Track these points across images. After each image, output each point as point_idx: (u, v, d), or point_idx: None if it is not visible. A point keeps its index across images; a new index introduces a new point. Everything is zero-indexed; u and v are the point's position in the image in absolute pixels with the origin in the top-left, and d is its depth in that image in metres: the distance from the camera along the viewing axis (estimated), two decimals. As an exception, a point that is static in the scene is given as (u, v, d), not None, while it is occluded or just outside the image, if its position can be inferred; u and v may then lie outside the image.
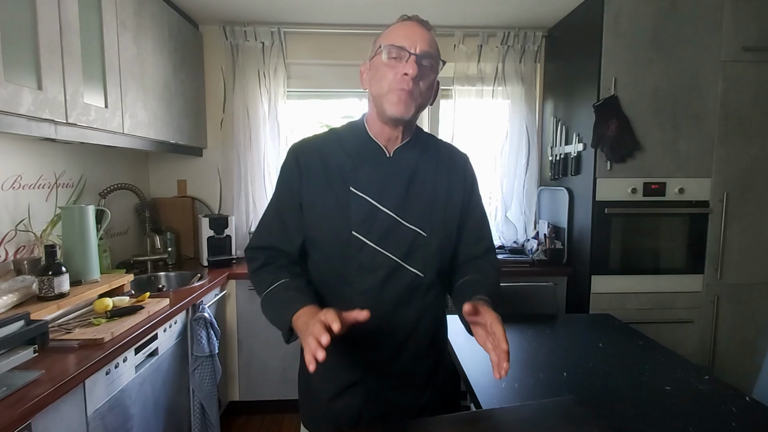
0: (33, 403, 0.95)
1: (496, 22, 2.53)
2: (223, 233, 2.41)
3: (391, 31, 0.89)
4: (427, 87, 0.89)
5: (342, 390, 0.95)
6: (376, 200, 0.90)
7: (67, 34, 1.37)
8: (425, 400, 0.98)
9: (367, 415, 0.95)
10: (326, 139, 0.98)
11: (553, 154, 2.54)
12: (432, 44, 0.88)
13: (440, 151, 1.01)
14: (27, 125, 1.24)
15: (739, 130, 2.10)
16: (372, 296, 0.90)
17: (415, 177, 0.94)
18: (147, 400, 1.49)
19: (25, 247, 1.61)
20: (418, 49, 0.85)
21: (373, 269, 0.89)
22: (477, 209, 1.01)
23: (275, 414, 2.38)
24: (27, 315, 1.11)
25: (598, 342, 1.47)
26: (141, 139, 1.87)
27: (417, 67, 0.85)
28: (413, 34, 0.87)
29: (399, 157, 0.94)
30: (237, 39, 2.50)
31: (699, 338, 2.18)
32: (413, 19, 0.90)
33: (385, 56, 0.87)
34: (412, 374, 0.96)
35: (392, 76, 0.86)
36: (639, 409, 1.05)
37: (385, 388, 0.94)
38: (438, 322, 1.00)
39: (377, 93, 0.90)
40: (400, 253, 0.90)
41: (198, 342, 1.81)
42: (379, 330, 0.91)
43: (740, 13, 2.04)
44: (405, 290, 0.91)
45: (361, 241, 0.89)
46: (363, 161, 0.93)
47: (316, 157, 0.94)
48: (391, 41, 0.87)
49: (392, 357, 0.93)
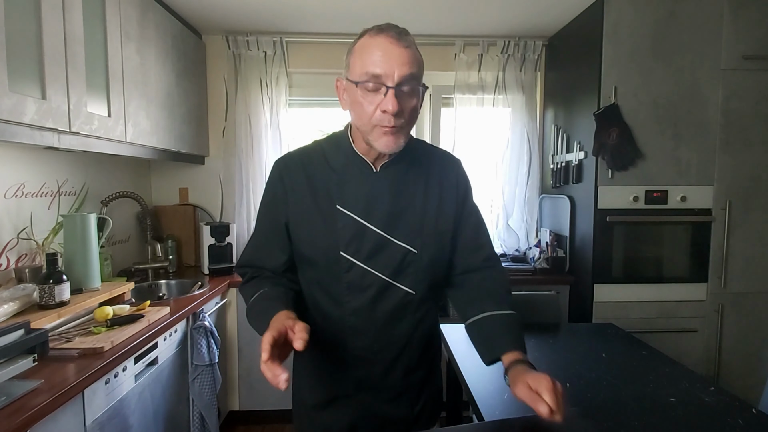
0: (32, 412, 0.94)
1: (496, 31, 2.55)
2: (224, 241, 2.41)
3: (364, 51, 0.80)
4: (410, 111, 0.83)
5: (333, 399, 0.94)
6: (364, 218, 0.88)
7: (72, 44, 1.38)
8: (419, 409, 0.98)
9: (362, 428, 0.94)
10: (311, 153, 0.94)
11: (554, 162, 2.54)
12: (411, 63, 0.79)
13: (430, 160, 0.96)
14: (30, 134, 1.24)
15: (740, 137, 2.09)
16: (363, 315, 0.89)
17: (404, 191, 0.90)
18: (146, 410, 1.48)
19: (27, 255, 1.61)
20: (396, 76, 0.77)
21: (363, 288, 0.88)
22: (471, 217, 0.98)
23: (275, 424, 2.36)
24: (27, 324, 1.11)
25: (601, 352, 1.46)
26: (143, 147, 1.88)
27: (396, 101, 0.78)
28: (389, 59, 0.78)
29: (386, 172, 0.90)
30: (239, 48, 2.52)
31: (704, 348, 2.15)
32: (387, 33, 0.79)
33: (359, 89, 0.80)
34: (406, 387, 0.95)
35: (371, 110, 0.80)
36: (643, 421, 1.03)
37: (379, 401, 0.94)
38: (430, 333, 0.99)
39: (359, 125, 0.84)
40: (390, 271, 0.88)
41: (198, 351, 1.80)
42: (369, 348, 0.90)
43: (740, 21, 2.05)
44: (396, 308, 0.89)
45: (350, 261, 0.87)
46: (349, 177, 0.90)
47: (301, 174, 0.91)
48: (366, 68, 0.79)
49: (385, 372, 0.92)
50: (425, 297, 0.92)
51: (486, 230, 1.01)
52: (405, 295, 0.89)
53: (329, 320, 0.91)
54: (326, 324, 0.91)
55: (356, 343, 0.90)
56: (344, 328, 0.90)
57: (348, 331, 0.90)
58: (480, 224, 1.00)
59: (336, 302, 0.90)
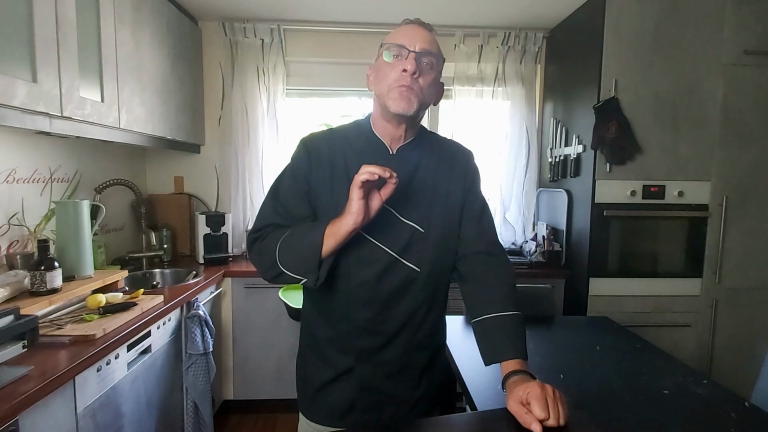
0: (21, 399, 0.93)
1: (497, 22, 2.52)
2: (219, 231, 2.40)
3: (393, 33, 0.94)
4: (428, 84, 0.91)
5: (336, 376, 0.97)
6: None
7: (64, 27, 1.35)
8: (420, 393, 1.00)
9: (360, 403, 0.97)
10: (334, 134, 1.01)
11: (552, 156, 2.53)
12: (432, 44, 0.91)
13: (443, 149, 1.03)
14: (21, 118, 1.22)
15: (739, 133, 2.09)
16: (368, 288, 0.93)
17: (416, 175, 0.96)
18: (139, 398, 1.47)
19: (19, 241, 1.59)
20: (417, 47, 0.89)
21: (371, 262, 0.92)
22: (475, 204, 1.02)
23: (269, 413, 2.36)
24: (17, 310, 1.10)
25: (595, 345, 1.46)
26: (138, 134, 1.86)
27: (416, 63, 0.88)
28: (413, 34, 0.90)
29: (402, 155, 0.97)
30: (236, 35, 2.48)
31: (697, 342, 2.17)
32: (414, 22, 0.94)
33: (386, 55, 0.91)
34: (405, 365, 0.97)
35: (393, 74, 0.89)
36: (636, 413, 1.03)
37: (378, 376, 0.96)
38: (436, 318, 1.01)
39: (380, 92, 0.92)
40: (398, 248, 0.93)
41: (192, 340, 1.79)
42: (373, 320, 0.94)
43: (741, 16, 2.03)
44: (401, 283, 0.93)
45: (361, 235, 0.90)
46: (367, 158, 0.94)
47: (324, 151, 0.97)
48: (392, 41, 0.91)
49: (383, 345, 0.95)
50: (430, 276, 0.96)
51: (490, 217, 1.05)
52: (410, 272, 0.93)
53: (336, 292, 0.94)
54: (332, 295, 0.95)
55: (361, 315, 0.94)
56: (350, 300, 0.94)
57: (353, 303, 0.94)
58: (484, 211, 1.03)
59: (343, 274, 0.93)
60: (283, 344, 2.29)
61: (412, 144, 0.98)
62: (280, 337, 2.29)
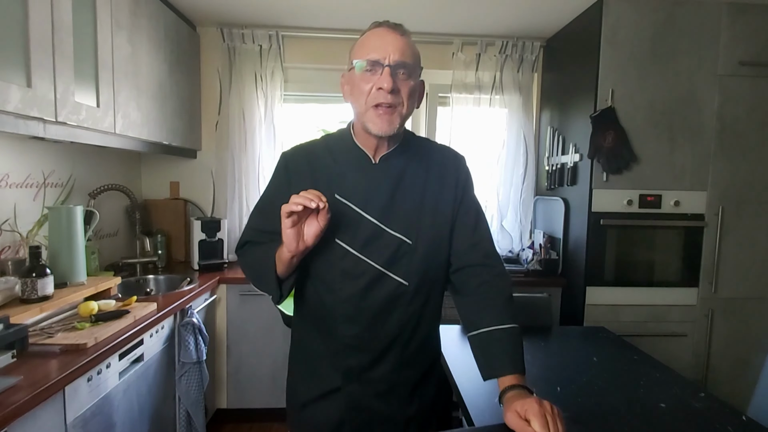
0: (9, 410, 0.91)
1: (494, 31, 2.53)
2: (215, 237, 2.38)
3: (363, 42, 0.88)
4: (408, 95, 0.87)
5: (323, 394, 0.94)
6: (361, 208, 0.91)
7: (59, 31, 1.34)
8: (412, 411, 0.96)
9: (349, 422, 0.94)
10: (317, 145, 0.99)
11: (549, 164, 2.54)
12: (406, 51, 0.86)
13: (431, 155, 0.98)
14: (14, 123, 1.21)
15: (735, 144, 2.10)
16: (354, 303, 0.90)
17: (402, 184, 0.93)
18: (131, 408, 1.45)
19: (11, 247, 1.57)
20: (391, 59, 0.84)
21: (356, 276, 0.89)
22: (470, 212, 0.97)
23: (263, 422, 2.34)
24: (6, 318, 1.08)
25: (592, 356, 1.45)
26: (133, 139, 1.84)
27: (392, 80, 0.83)
28: (385, 44, 0.85)
29: (385, 164, 0.94)
30: (234, 41, 2.48)
31: (692, 352, 2.16)
32: (384, 26, 0.88)
33: (358, 67, 0.86)
34: (396, 383, 0.94)
35: (368, 90, 0.85)
36: (633, 427, 1.02)
37: (367, 395, 0.93)
38: (427, 332, 0.97)
39: (358, 109, 0.89)
40: (383, 260, 0.90)
41: (185, 348, 1.77)
42: (360, 336, 0.91)
43: (737, 27, 2.05)
44: (388, 298, 0.90)
45: (344, 248, 0.89)
46: (349, 168, 0.94)
47: (304, 163, 0.95)
48: (364, 55, 0.86)
49: (372, 364, 0.92)
50: (419, 290, 0.92)
51: (486, 226, 1.00)
52: (398, 286, 0.90)
53: (322, 307, 0.93)
54: (319, 311, 0.93)
55: (347, 332, 0.91)
56: (336, 315, 0.91)
57: (340, 319, 0.91)
58: (479, 220, 0.99)
59: (329, 289, 0.91)
60: (277, 352, 2.27)
61: (397, 151, 0.94)
62: (275, 345, 2.26)
